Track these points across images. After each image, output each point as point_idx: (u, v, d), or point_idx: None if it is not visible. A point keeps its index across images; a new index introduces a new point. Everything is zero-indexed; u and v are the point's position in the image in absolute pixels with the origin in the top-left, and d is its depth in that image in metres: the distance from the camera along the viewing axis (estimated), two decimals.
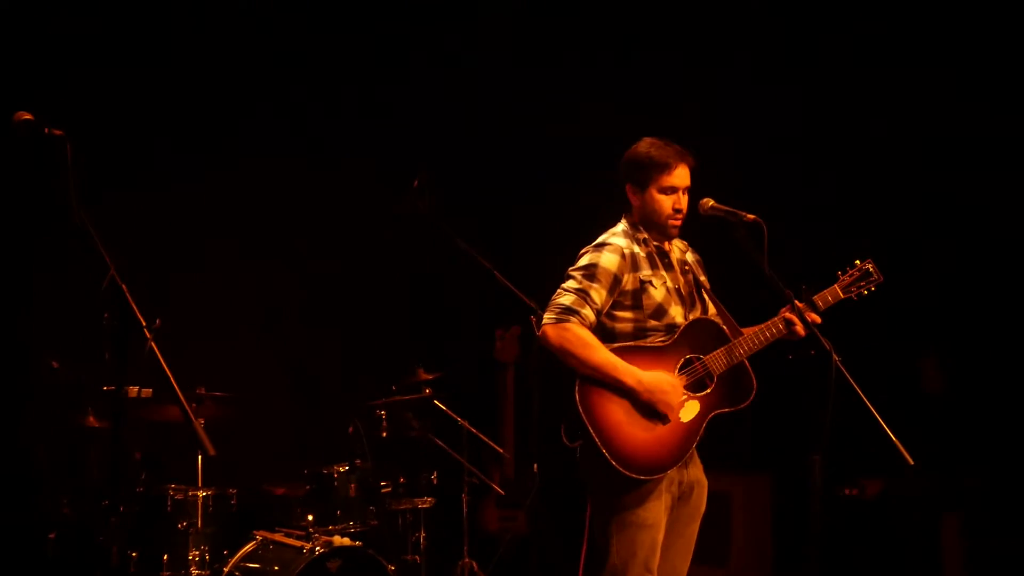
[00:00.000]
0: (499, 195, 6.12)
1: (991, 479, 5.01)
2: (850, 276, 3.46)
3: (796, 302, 3.32)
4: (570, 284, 3.30)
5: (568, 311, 3.24)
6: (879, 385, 3.29)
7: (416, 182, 4.50)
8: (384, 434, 4.97)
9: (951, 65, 5.14)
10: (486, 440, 5.27)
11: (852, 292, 3.45)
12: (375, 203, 5.59)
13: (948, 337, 5.27)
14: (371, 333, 5.92)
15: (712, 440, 3.36)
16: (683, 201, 3.39)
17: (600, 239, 3.42)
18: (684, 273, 3.48)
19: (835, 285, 3.45)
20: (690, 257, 3.56)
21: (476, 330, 6.15)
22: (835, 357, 3.13)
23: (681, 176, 3.38)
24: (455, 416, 5.16)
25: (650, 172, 3.36)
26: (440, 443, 5.15)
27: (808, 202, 5.32)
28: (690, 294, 3.46)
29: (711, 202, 3.39)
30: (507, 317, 5.81)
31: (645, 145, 3.42)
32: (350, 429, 4.87)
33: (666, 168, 3.35)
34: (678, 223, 3.40)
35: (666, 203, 3.37)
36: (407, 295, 6.20)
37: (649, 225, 3.40)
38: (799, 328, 3.32)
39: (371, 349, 5.85)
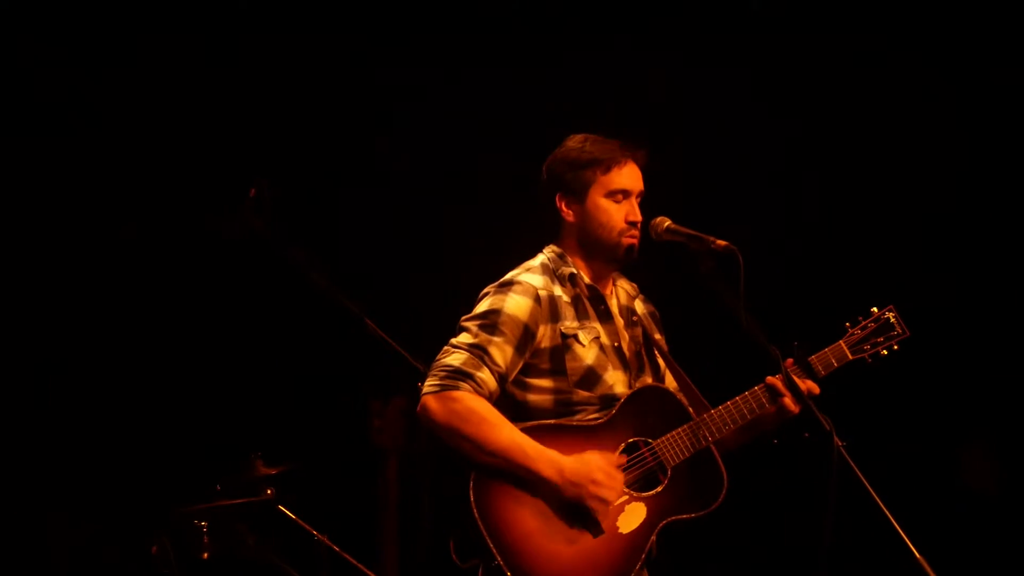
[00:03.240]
0: (378, 219, 6.24)
1: None
2: (863, 329, 3.56)
3: (787, 362, 3.43)
4: (462, 338, 3.39)
5: (457, 375, 3.31)
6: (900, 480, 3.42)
7: (252, 191, 4.56)
8: (204, 555, 5.02)
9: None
10: (354, 563, 5.29)
11: (865, 351, 3.55)
12: (193, 223, 5.66)
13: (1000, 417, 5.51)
14: (186, 407, 5.89)
15: (668, 561, 3.45)
16: (638, 211, 3.52)
17: (508, 275, 3.52)
18: (630, 326, 3.59)
19: (840, 341, 3.56)
20: (640, 307, 3.65)
21: (342, 403, 6.12)
22: (837, 441, 3.18)
23: (631, 176, 3.53)
24: (309, 528, 5.23)
25: (589, 172, 3.50)
26: (286, 567, 5.18)
27: (797, 227, 5.58)
28: (637, 355, 3.57)
29: (667, 222, 3.52)
30: (387, 384, 5.88)
31: (577, 140, 3.58)
32: (153, 548, 4.89)
33: (611, 164, 3.50)
34: (635, 241, 3.51)
35: (616, 213, 3.50)
36: (241, 353, 6.21)
37: (593, 249, 3.53)
38: (789, 401, 3.41)
39: (186, 431, 5.84)
